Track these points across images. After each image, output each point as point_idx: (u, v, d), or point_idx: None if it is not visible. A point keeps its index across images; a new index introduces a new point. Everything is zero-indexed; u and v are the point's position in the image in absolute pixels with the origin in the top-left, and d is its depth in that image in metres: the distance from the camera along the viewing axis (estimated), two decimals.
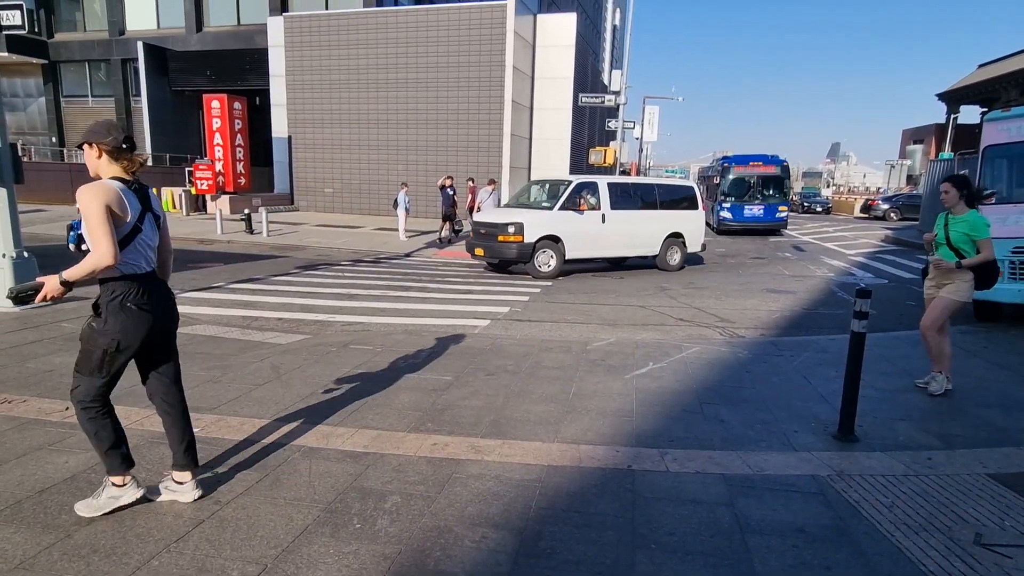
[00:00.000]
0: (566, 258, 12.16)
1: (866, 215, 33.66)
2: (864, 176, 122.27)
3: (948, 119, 47.27)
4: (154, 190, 3.49)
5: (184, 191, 23.62)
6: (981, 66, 48.56)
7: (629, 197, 13.00)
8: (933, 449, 3.95)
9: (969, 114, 47.71)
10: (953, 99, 48.27)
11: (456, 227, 17.87)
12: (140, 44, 29.07)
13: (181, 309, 8.29)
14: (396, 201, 17.42)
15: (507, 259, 12.15)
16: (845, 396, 4.07)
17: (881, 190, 50.95)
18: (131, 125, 33.11)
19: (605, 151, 21.21)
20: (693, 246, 13.85)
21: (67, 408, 4.33)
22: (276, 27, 25.25)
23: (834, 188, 73.95)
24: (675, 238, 13.46)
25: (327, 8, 27.01)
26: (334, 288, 10.39)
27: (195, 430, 3.97)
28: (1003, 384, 5.34)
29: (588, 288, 11.02)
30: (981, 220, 4.81)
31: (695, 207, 13.89)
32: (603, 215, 12.35)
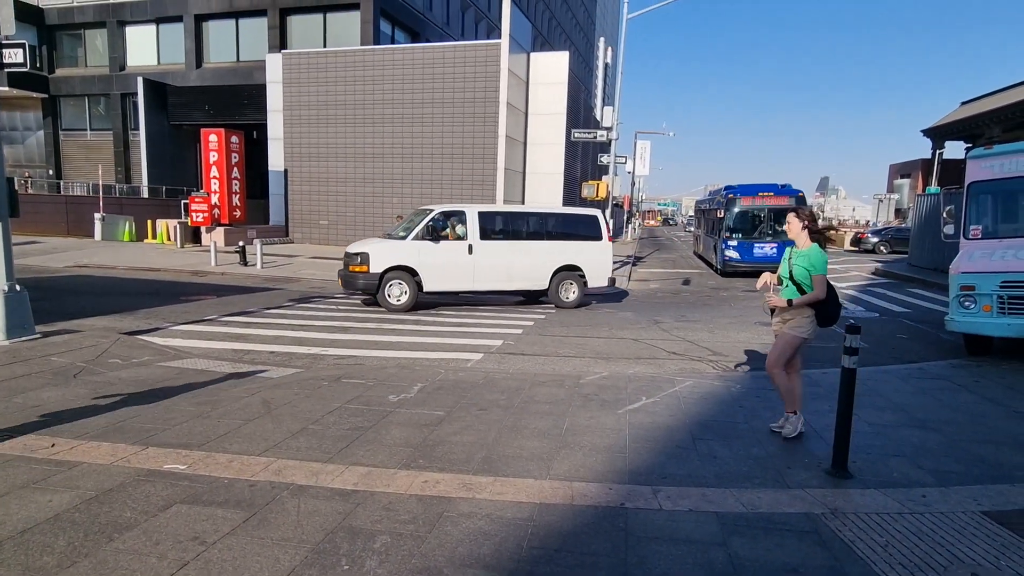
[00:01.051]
0: (425, 290, 11.68)
1: (856, 248, 34.01)
2: (853, 210, 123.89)
3: (933, 154, 48.28)
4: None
5: (180, 223, 23.71)
6: (964, 103, 49.86)
7: (508, 226, 12.34)
8: (927, 486, 3.94)
9: (954, 150, 48.73)
10: (938, 135, 49.40)
11: None
12: (140, 79, 29.50)
13: (172, 342, 8.26)
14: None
15: (357, 289, 11.73)
16: (838, 433, 4.06)
17: (870, 223, 51.60)
18: (128, 158, 33.40)
19: (598, 185, 21.47)
20: (596, 280, 12.74)
21: (53, 444, 4.28)
22: (275, 64, 25.71)
23: (825, 221, 75.02)
24: (571, 271, 12.47)
25: (325, 46, 27.60)
26: (327, 321, 10.37)
27: (181, 467, 3.94)
28: (995, 419, 5.35)
29: (581, 321, 11.04)
30: (820, 256, 4.62)
31: (598, 238, 12.71)
32: (470, 245, 11.73)
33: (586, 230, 12.75)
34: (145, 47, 32.61)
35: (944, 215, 9.16)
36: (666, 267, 23.93)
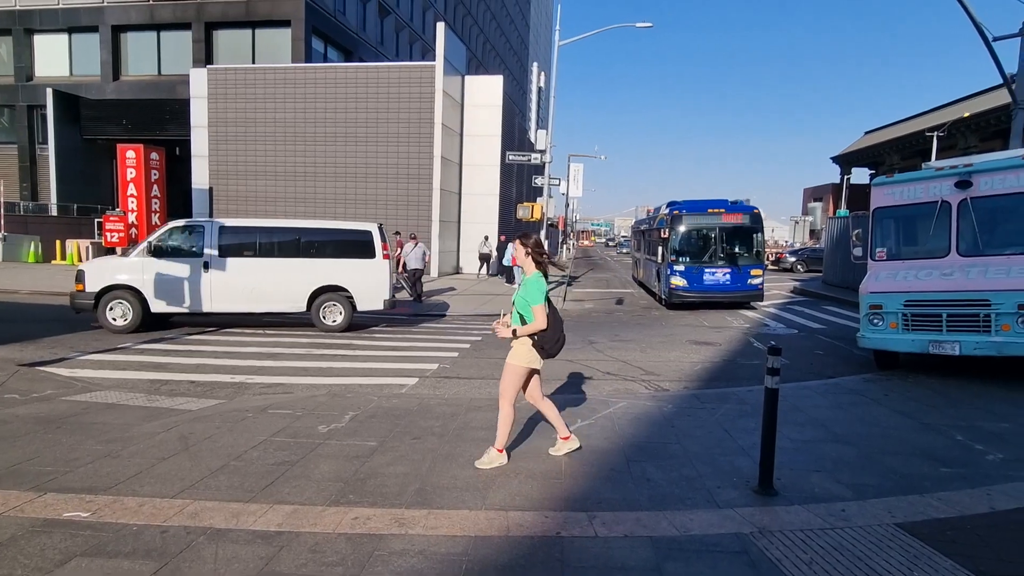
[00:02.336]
0: (153, 312, 10.81)
1: (775, 267, 35.88)
2: (772, 230, 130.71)
3: (842, 179, 51.89)
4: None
5: (92, 243, 22.25)
6: (867, 132, 53.99)
7: (257, 242, 11.28)
8: (846, 500, 4.11)
9: (859, 175, 52.61)
10: (845, 161, 53.20)
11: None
12: (49, 91, 27.74)
13: (79, 373, 7.68)
14: None
15: (77, 310, 10.87)
16: (763, 451, 4.20)
17: (788, 244, 54.69)
18: (35, 173, 31.19)
19: (532, 206, 21.75)
20: (368, 302, 11.61)
21: None
22: (200, 79, 24.79)
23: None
24: (335, 292, 11.45)
25: (254, 62, 26.88)
26: (254, 347, 9.92)
27: (84, 515, 3.62)
28: (905, 431, 5.68)
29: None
30: (536, 285, 4.46)
31: (369, 255, 11.51)
32: (206, 262, 10.85)
33: (356, 247, 11.57)
34: (56, 57, 30.74)
35: (853, 238, 9.79)
36: (600, 287, 24.41)
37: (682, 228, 16.61)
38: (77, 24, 29.59)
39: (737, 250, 16.38)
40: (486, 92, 25.37)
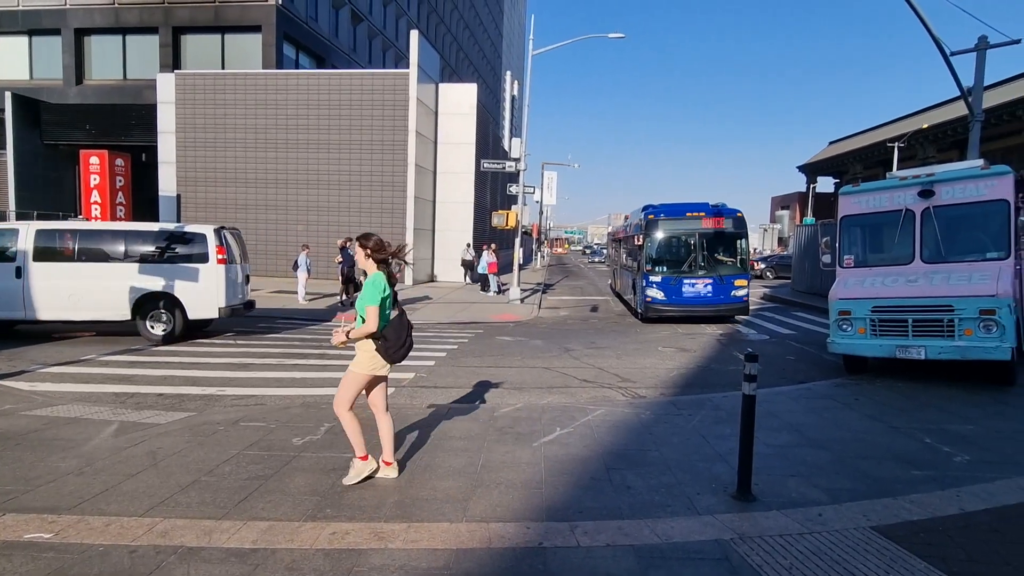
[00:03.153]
0: None
1: None
2: None
3: (808, 188, 53.14)
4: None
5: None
6: (832, 143, 55.47)
7: (80, 247, 10.65)
8: (823, 504, 4.17)
9: (825, 184, 53.97)
10: (811, 171, 54.51)
11: (359, 289, 17.47)
12: (8, 94, 26.85)
13: (41, 387, 7.41)
14: (296, 263, 16.80)
15: None
16: (741, 458, 4.24)
17: (757, 251, 55.78)
18: None
19: (507, 214, 21.76)
20: (200, 310, 10.89)
21: None
22: (167, 84, 24.30)
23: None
24: (162, 299, 10.72)
25: (224, 67, 26.45)
26: (225, 358, 9.70)
27: (46, 536, 3.47)
28: (876, 435, 5.80)
29: (494, 351, 11.00)
30: (373, 286, 4.28)
31: (202, 260, 10.83)
32: (18, 267, 10.31)
33: (188, 251, 10.90)
34: (15, 60, 29.78)
35: (822, 245, 10.02)
36: (575, 294, 24.52)
37: (658, 234, 15.15)
38: (38, 27, 28.73)
39: (719, 258, 15.08)
40: (460, 100, 25.38)
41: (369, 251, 4.41)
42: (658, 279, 14.85)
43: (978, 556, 3.43)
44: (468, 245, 24.05)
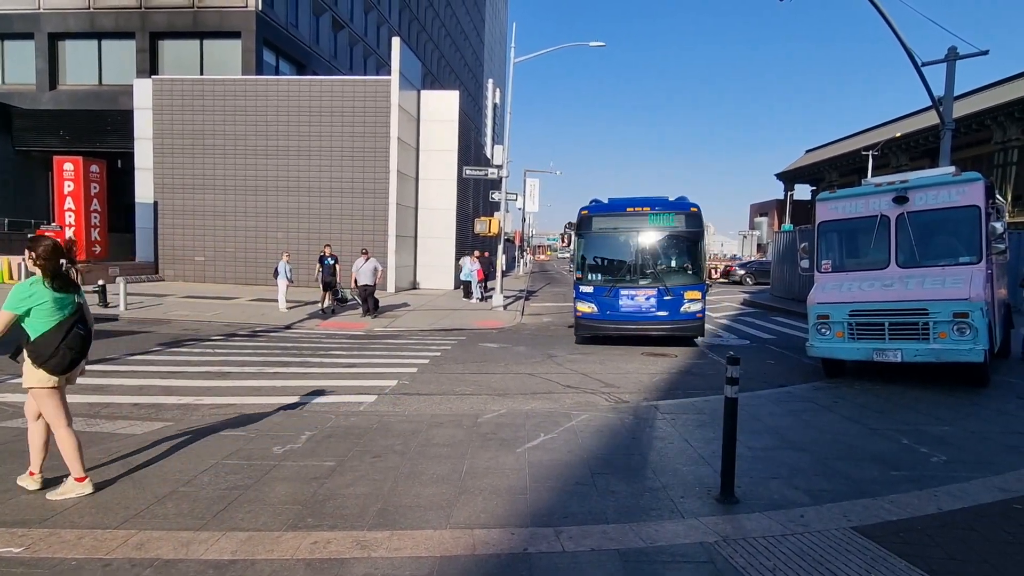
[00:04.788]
0: None
1: (726, 280, 36.93)
2: (722, 245, 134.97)
3: (786, 196, 54.01)
4: None
5: (25, 260, 21.04)
6: (808, 151, 56.44)
7: None
8: (804, 506, 4.20)
9: (802, 191, 54.90)
10: (788, 178, 55.43)
11: (341, 297, 17.34)
12: None
13: (10, 398, 7.20)
14: (277, 270, 16.63)
15: None
16: (724, 461, 4.26)
17: (736, 257, 56.44)
18: None
19: (490, 221, 21.76)
20: None
21: None
22: (144, 89, 23.97)
23: None
24: None
25: (202, 73, 26.17)
26: (202, 366, 9.53)
27: (16, 551, 3.37)
28: (854, 437, 5.88)
29: (477, 357, 10.96)
30: (16, 291, 4.01)
31: None
32: None
33: None
34: None
35: (800, 251, 10.15)
36: (557, 301, 24.55)
37: (591, 234, 12.50)
38: (10, 31, 28.20)
39: (668, 264, 12.37)
40: (442, 107, 25.37)
41: (35, 257, 4.06)
42: (589, 289, 12.22)
43: (957, 554, 3.49)
44: (474, 255, 22.81)
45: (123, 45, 27.41)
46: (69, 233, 21.87)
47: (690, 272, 12.22)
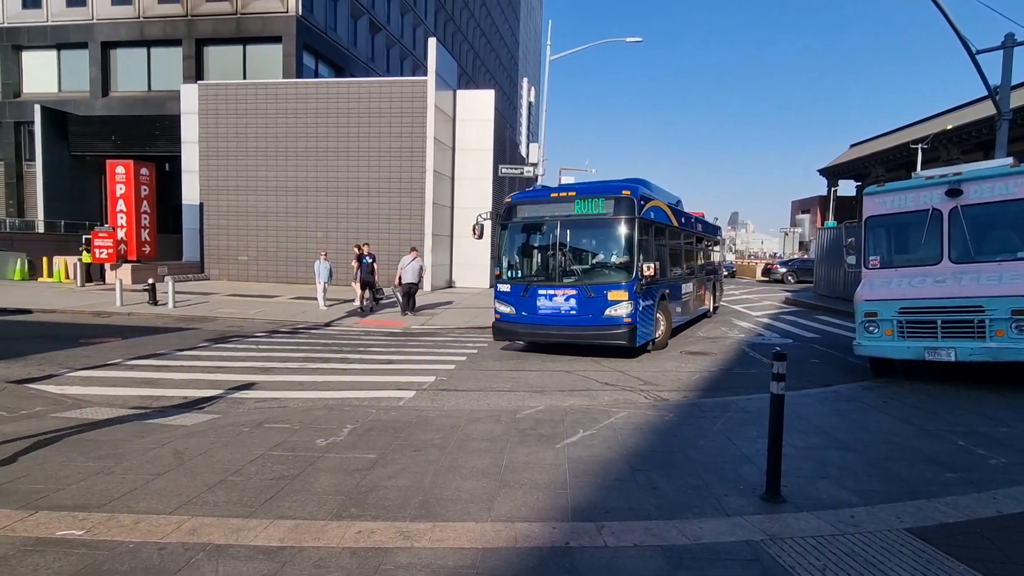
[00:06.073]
0: None
1: (767, 278, 36.12)
2: (762, 242, 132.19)
3: (829, 191, 52.49)
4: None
5: (80, 260, 21.98)
6: (853, 145, 54.75)
7: None
8: (854, 507, 4.08)
9: (846, 187, 53.27)
10: (832, 174, 53.84)
11: (377, 295, 17.57)
12: (37, 107, 27.58)
13: (69, 390, 7.54)
14: (316, 269, 16.96)
15: None
16: (770, 458, 4.16)
17: (777, 255, 55.13)
18: (22, 190, 30.92)
19: None
20: None
21: None
22: (190, 95, 24.76)
23: (736, 253, 79.03)
24: None
25: (245, 78, 26.89)
26: (247, 362, 9.79)
27: (78, 533, 3.52)
28: (905, 437, 5.67)
29: (514, 354, 10.97)
30: None
31: None
32: None
33: None
34: (44, 73, 30.62)
35: (846, 247, 9.87)
36: None
37: (513, 224, 11.04)
38: (66, 41, 29.51)
39: (593, 260, 10.70)
40: (478, 106, 25.49)
41: None
42: (507, 288, 10.83)
43: (1017, 558, 3.33)
44: None
45: (170, 52, 28.39)
46: (121, 234, 22.74)
47: (618, 268, 10.23)
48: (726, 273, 44.99)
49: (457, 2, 49.67)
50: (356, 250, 17.13)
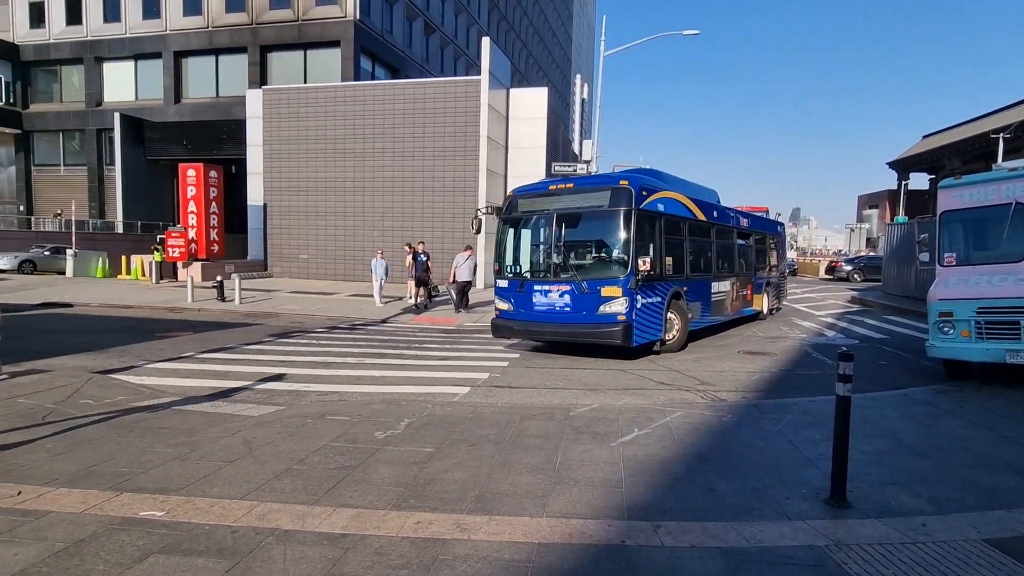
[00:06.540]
0: None
1: (830, 276, 34.66)
2: (825, 239, 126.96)
3: (899, 185, 49.89)
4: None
5: (154, 259, 23.30)
6: (926, 136, 51.86)
7: None
8: (926, 514, 3.90)
9: (917, 181, 50.49)
10: (902, 167, 51.16)
11: (432, 292, 17.86)
12: (117, 115, 29.34)
13: (147, 381, 8.00)
14: (373, 267, 17.41)
15: None
16: (835, 461, 4.02)
17: (842, 252, 52.78)
18: (103, 193, 32.95)
19: None
20: None
21: (19, 492, 4.05)
22: (255, 100, 25.79)
23: (798, 251, 76.06)
24: None
25: (305, 82, 27.81)
26: (308, 356, 10.16)
27: (158, 514, 3.74)
28: (983, 444, 5.37)
29: (567, 352, 10.96)
30: None
31: None
32: None
33: None
34: (122, 83, 32.54)
35: (919, 243, 9.38)
36: None
37: (513, 218, 10.82)
38: (142, 51, 31.29)
39: (588, 254, 10.28)
40: (531, 105, 25.51)
41: None
42: (504, 283, 10.62)
43: None
44: None
45: (236, 59, 29.69)
46: (192, 234, 23.97)
47: (613, 263, 9.70)
48: (787, 271, 43.46)
49: (510, 1, 49.81)
50: (407, 248, 17.46)
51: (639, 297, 9.57)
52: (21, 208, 33.95)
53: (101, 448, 5.06)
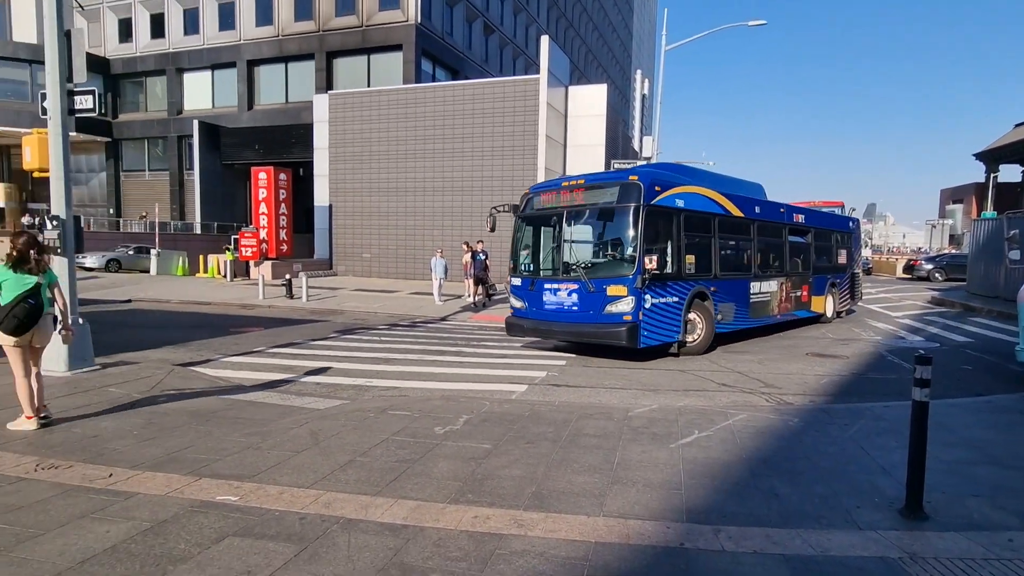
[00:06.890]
0: None
1: (909, 276, 32.74)
2: (904, 236, 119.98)
3: (987, 178, 46.58)
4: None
5: (230, 258, 24.56)
6: (1018, 125, 48.14)
7: None
8: (1012, 529, 3.65)
9: (1009, 173, 46.99)
10: (991, 158, 47.72)
11: (491, 291, 18.02)
12: (196, 122, 31.06)
13: (222, 373, 8.43)
14: (432, 265, 17.74)
15: None
16: (911, 469, 3.82)
17: (922, 250, 49.79)
18: (183, 196, 34.98)
19: None
20: None
21: (111, 474, 4.37)
22: (322, 104, 26.75)
23: (873, 248, 72.05)
24: None
25: (369, 85, 28.60)
26: (371, 352, 10.46)
27: (233, 499, 3.96)
28: None
29: (625, 352, 10.83)
30: None
31: None
32: None
33: None
34: (201, 91, 34.43)
35: (1008, 241, 8.75)
36: None
37: (527, 216, 10.75)
38: (219, 61, 33.01)
39: (597, 252, 10.23)
40: (590, 102, 25.33)
41: (13, 246, 5.27)
42: (518, 282, 10.57)
43: None
44: None
45: (304, 66, 30.88)
46: (263, 234, 25.12)
47: (621, 261, 9.41)
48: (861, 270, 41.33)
49: None
50: (466, 247, 17.66)
51: (648, 297, 9.26)
52: (111, 211, 36.53)
53: (182, 436, 5.39)
